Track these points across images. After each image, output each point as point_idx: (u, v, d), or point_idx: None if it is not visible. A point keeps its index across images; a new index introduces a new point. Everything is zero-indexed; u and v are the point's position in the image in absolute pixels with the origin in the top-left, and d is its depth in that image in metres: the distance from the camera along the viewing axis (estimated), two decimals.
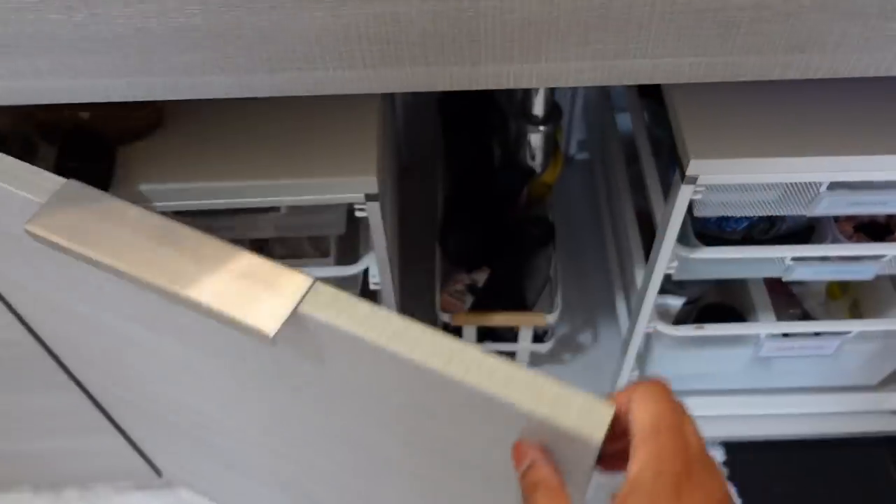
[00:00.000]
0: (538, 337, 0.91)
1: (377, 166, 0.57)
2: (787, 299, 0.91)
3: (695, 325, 0.77)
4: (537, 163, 0.86)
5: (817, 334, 0.80)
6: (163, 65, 0.43)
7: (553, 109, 0.80)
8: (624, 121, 0.93)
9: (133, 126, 0.57)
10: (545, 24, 0.41)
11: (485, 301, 0.89)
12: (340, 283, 0.70)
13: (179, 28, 0.41)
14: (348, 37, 0.42)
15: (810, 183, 0.61)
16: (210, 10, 0.40)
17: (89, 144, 0.54)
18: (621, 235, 0.91)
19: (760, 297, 0.85)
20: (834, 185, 0.62)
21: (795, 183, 0.61)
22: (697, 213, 0.67)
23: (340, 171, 0.57)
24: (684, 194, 0.60)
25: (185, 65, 0.43)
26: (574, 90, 1.05)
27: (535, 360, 0.98)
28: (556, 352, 0.99)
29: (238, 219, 0.64)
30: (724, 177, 0.59)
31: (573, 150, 1.15)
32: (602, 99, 1.02)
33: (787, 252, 0.69)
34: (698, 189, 0.60)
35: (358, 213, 0.60)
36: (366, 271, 0.69)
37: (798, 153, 0.57)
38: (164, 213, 0.41)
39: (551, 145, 0.87)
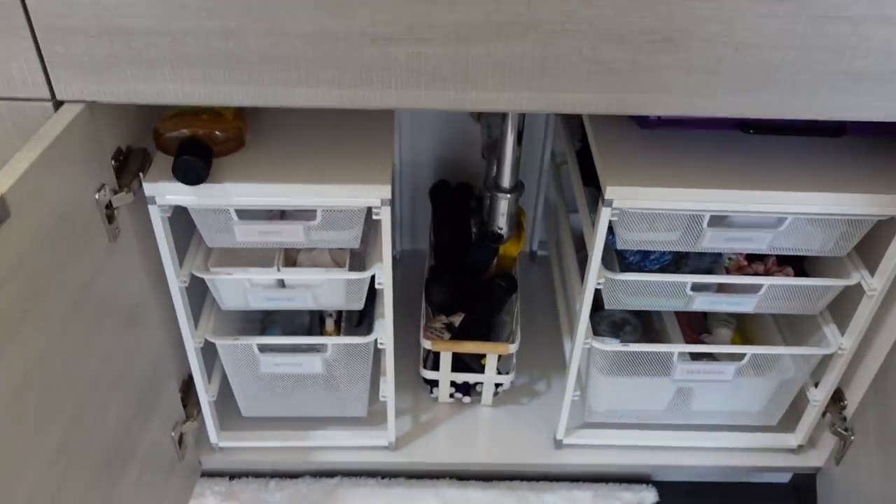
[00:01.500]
0: (501, 372, 1.12)
1: (391, 179, 0.82)
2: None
3: (621, 343, 0.99)
4: (504, 229, 1.12)
5: (716, 358, 1.02)
6: (268, 79, 0.69)
7: (517, 183, 1.07)
8: (574, 220, 1.21)
9: (224, 147, 0.83)
10: (510, 66, 0.68)
11: (459, 338, 1.11)
12: (351, 285, 0.93)
13: (283, 55, 0.68)
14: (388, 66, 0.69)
15: (697, 216, 0.87)
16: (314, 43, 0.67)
17: (199, 148, 0.79)
18: (571, 295, 1.15)
19: (676, 337, 1.09)
20: (713, 221, 0.88)
21: (688, 217, 0.87)
22: (619, 246, 0.93)
23: (364, 181, 0.82)
24: (605, 215, 0.85)
25: (283, 79, 0.70)
26: (536, 195, 1.34)
27: (497, 402, 1.18)
28: (515, 397, 1.20)
29: (283, 224, 0.87)
30: (632, 202, 0.84)
31: (535, 246, 1.42)
32: (559, 202, 1.29)
33: (687, 279, 0.93)
34: (614, 211, 0.85)
35: (374, 217, 0.84)
36: (373, 277, 0.92)
37: (691, 186, 0.83)
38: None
39: (515, 217, 1.12)
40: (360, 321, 1.18)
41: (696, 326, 1.17)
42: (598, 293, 0.94)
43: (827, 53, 0.69)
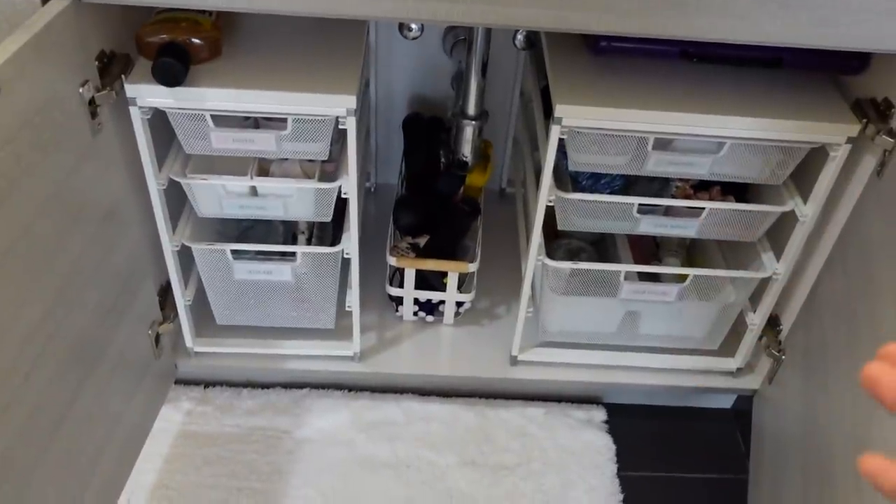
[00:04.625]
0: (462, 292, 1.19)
1: (357, 90, 0.88)
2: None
3: (571, 262, 1.06)
4: (469, 157, 1.18)
5: (660, 280, 1.09)
6: None
7: (482, 112, 1.13)
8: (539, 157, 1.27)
9: (202, 55, 0.88)
10: None
11: (423, 257, 1.17)
12: (319, 195, 0.99)
13: None
14: None
15: (643, 139, 0.93)
16: None
17: (178, 52, 0.84)
18: (531, 221, 1.22)
19: (627, 258, 1.16)
20: (658, 144, 0.94)
21: (635, 140, 0.93)
22: (572, 168, 0.99)
23: (331, 91, 0.88)
24: (554, 132, 0.92)
25: None
26: (506, 134, 1.40)
27: (459, 322, 1.25)
28: (475, 318, 1.27)
29: (257, 132, 0.93)
30: (580, 121, 0.91)
31: (504, 184, 1.48)
32: (525, 139, 1.36)
33: (634, 200, 1.00)
34: (563, 129, 0.91)
35: (340, 126, 0.90)
36: (339, 189, 0.98)
37: (637, 108, 0.89)
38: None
39: (480, 148, 1.19)
40: (332, 244, 1.24)
41: (647, 256, 1.24)
42: (556, 223, 1.01)
43: None
